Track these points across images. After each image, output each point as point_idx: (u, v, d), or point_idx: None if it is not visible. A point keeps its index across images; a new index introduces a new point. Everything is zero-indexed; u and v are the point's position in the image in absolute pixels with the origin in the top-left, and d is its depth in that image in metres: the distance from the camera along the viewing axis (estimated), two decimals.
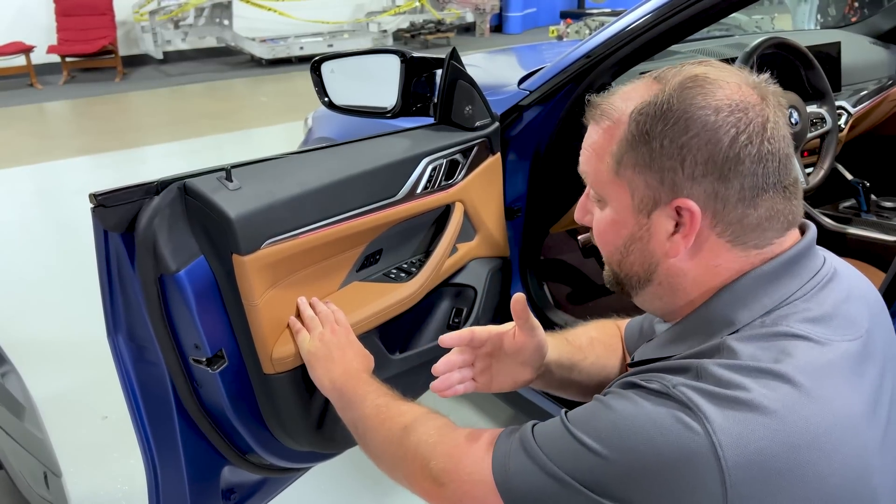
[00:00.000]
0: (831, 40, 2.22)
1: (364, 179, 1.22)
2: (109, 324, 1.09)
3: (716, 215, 0.70)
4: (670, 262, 0.74)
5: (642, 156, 0.72)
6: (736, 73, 0.73)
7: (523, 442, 0.74)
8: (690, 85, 0.70)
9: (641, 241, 0.75)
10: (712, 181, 0.69)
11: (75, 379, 2.49)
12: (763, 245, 0.72)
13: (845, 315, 0.72)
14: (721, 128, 0.68)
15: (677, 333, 0.77)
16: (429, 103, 1.50)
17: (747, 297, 0.71)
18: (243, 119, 6.46)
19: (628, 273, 0.79)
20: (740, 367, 0.65)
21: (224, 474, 1.26)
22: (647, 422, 0.65)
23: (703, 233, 0.71)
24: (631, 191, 0.74)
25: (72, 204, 4.39)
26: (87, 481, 1.99)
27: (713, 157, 0.68)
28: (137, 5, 8.26)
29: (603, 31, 1.54)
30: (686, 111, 0.69)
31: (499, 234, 1.61)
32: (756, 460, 0.61)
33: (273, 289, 1.09)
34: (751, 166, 0.68)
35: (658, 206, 0.72)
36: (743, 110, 0.69)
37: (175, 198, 1.02)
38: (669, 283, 0.76)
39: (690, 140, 0.69)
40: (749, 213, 0.70)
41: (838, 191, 2.16)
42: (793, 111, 1.67)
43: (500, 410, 2.23)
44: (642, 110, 0.72)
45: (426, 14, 10.15)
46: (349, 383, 1.04)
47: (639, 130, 0.72)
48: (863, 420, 0.67)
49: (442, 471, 0.81)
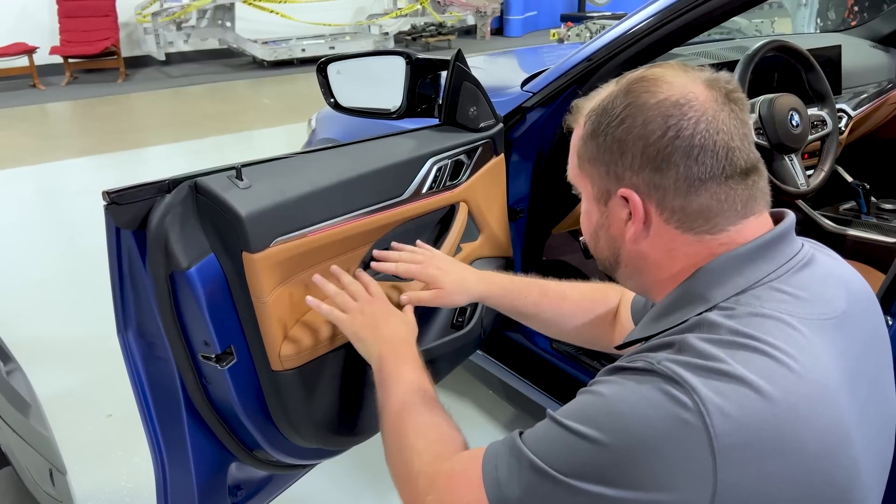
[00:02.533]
0: (832, 44, 2.24)
1: (371, 179, 1.23)
2: (119, 320, 1.10)
3: (659, 204, 0.76)
4: (630, 247, 0.81)
5: (592, 150, 0.80)
6: (687, 74, 0.77)
7: (511, 448, 0.75)
8: (635, 85, 0.77)
9: (604, 227, 0.83)
10: (649, 172, 0.75)
11: (80, 377, 2.51)
12: (716, 231, 0.76)
13: (820, 296, 0.75)
14: (652, 123, 0.74)
15: (658, 312, 0.80)
16: (434, 104, 1.52)
17: (721, 276, 0.75)
18: (245, 120, 6.48)
19: (602, 257, 0.87)
20: (720, 341, 0.68)
21: (231, 470, 1.27)
22: (637, 399, 0.67)
23: (652, 220, 0.78)
24: (591, 183, 0.83)
25: (75, 204, 4.41)
26: (91, 479, 2.00)
27: (646, 151, 0.75)
28: (140, 7, 8.28)
29: (605, 34, 1.55)
30: (625, 109, 0.76)
31: (502, 234, 1.62)
32: (740, 428, 0.63)
33: (282, 286, 1.10)
34: (682, 159, 0.73)
35: (611, 196, 0.80)
36: (680, 105, 0.74)
37: (186, 196, 1.04)
38: (635, 265, 0.83)
39: (626, 135, 0.76)
40: (690, 202, 0.75)
41: (838, 193, 2.18)
42: (793, 113, 1.69)
43: (502, 409, 2.25)
44: (593, 109, 0.81)
45: (427, 17, 10.18)
46: (389, 362, 1.04)
47: (591, 127, 0.80)
48: (841, 392, 0.69)
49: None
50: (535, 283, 1.25)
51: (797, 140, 1.70)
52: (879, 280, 1.15)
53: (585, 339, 1.24)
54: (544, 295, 1.23)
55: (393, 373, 1.02)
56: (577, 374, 1.75)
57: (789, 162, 1.70)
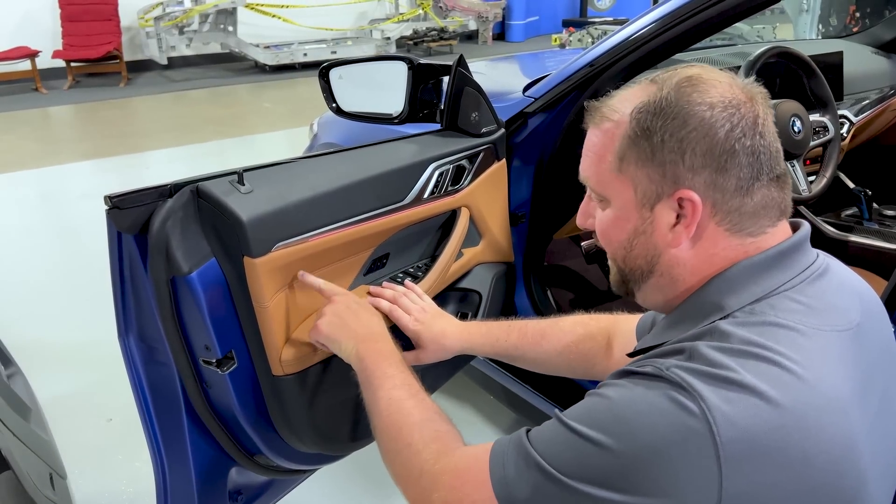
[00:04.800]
0: (833, 50, 2.24)
1: (373, 184, 1.23)
2: (120, 325, 1.10)
3: (715, 205, 0.75)
4: (672, 253, 0.78)
5: (644, 151, 0.76)
6: (725, 75, 0.77)
7: (519, 448, 0.75)
8: (686, 84, 0.75)
9: (645, 234, 0.79)
10: (711, 172, 0.74)
11: (80, 381, 2.51)
12: (758, 233, 0.76)
13: (835, 307, 0.75)
14: (717, 122, 0.73)
15: (672, 321, 0.80)
16: (435, 109, 1.52)
17: (736, 284, 0.74)
18: (247, 125, 6.49)
19: (632, 267, 0.83)
20: (731, 350, 0.68)
21: (231, 475, 1.27)
22: (644, 405, 0.67)
23: (704, 222, 0.76)
24: (634, 186, 0.78)
25: (76, 208, 4.42)
26: (91, 483, 2.00)
27: (711, 150, 0.73)
28: (142, 11, 8.30)
29: (607, 39, 1.56)
30: (683, 107, 0.74)
31: (504, 239, 1.62)
32: (746, 437, 0.63)
33: (283, 291, 1.10)
34: (745, 158, 0.73)
35: (661, 199, 0.77)
36: (735, 106, 0.74)
37: (188, 200, 1.04)
38: (670, 273, 0.80)
39: (689, 134, 0.74)
40: (746, 202, 0.75)
41: (840, 199, 2.18)
42: (795, 119, 1.69)
43: (502, 413, 2.24)
44: (642, 108, 0.77)
45: (429, 22, 10.20)
46: (368, 361, 1.04)
47: (640, 127, 0.76)
48: (850, 404, 0.69)
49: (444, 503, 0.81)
50: (515, 325, 1.24)
51: (799, 146, 1.69)
52: (881, 286, 1.15)
53: (577, 372, 1.22)
54: (523, 336, 1.22)
55: (375, 371, 1.02)
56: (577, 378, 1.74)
57: (791, 168, 1.70)
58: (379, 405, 0.98)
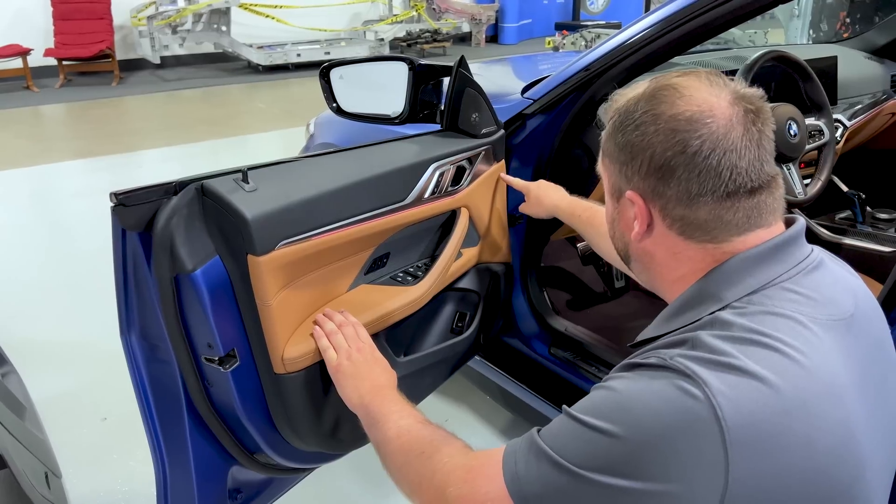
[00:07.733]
0: (827, 55, 2.26)
1: (375, 183, 1.24)
2: (123, 322, 1.10)
3: (662, 210, 0.79)
4: (637, 244, 0.84)
5: (611, 148, 0.83)
6: (712, 88, 0.77)
7: (530, 445, 0.76)
8: (660, 93, 0.78)
9: (616, 221, 0.87)
10: (654, 180, 0.78)
11: (75, 380, 2.49)
12: (719, 241, 0.78)
13: (830, 298, 0.76)
14: (661, 134, 0.76)
15: (671, 312, 0.81)
16: (435, 110, 1.52)
17: (734, 276, 0.76)
18: (240, 125, 6.47)
19: (617, 248, 0.90)
20: (732, 338, 0.70)
21: (231, 473, 1.27)
22: (650, 394, 0.68)
23: (656, 223, 0.80)
24: (609, 177, 0.86)
25: (68, 206, 4.39)
26: (86, 482, 1.99)
27: (653, 161, 0.77)
28: (135, 10, 8.27)
29: (604, 43, 1.57)
30: (642, 117, 0.78)
31: (502, 240, 1.63)
32: (751, 422, 0.65)
33: (286, 289, 1.11)
34: (684, 173, 0.75)
35: (622, 194, 0.83)
36: (691, 122, 0.75)
37: (192, 198, 1.04)
38: (642, 261, 0.86)
39: (638, 142, 0.78)
40: (689, 214, 0.77)
41: (834, 202, 2.20)
42: (791, 123, 1.70)
43: (498, 414, 2.25)
44: (618, 108, 0.83)
45: (423, 23, 10.21)
46: (375, 401, 1.06)
47: (612, 126, 0.83)
48: (848, 391, 0.71)
49: (458, 497, 0.82)
50: (589, 206, 1.41)
51: (795, 149, 1.71)
52: (876, 289, 1.16)
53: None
54: (592, 214, 1.39)
55: (381, 410, 1.04)
56: (575, 379, 1.75)
57: (787, 171, 1.72)
58: (388, 433, 0.99)
